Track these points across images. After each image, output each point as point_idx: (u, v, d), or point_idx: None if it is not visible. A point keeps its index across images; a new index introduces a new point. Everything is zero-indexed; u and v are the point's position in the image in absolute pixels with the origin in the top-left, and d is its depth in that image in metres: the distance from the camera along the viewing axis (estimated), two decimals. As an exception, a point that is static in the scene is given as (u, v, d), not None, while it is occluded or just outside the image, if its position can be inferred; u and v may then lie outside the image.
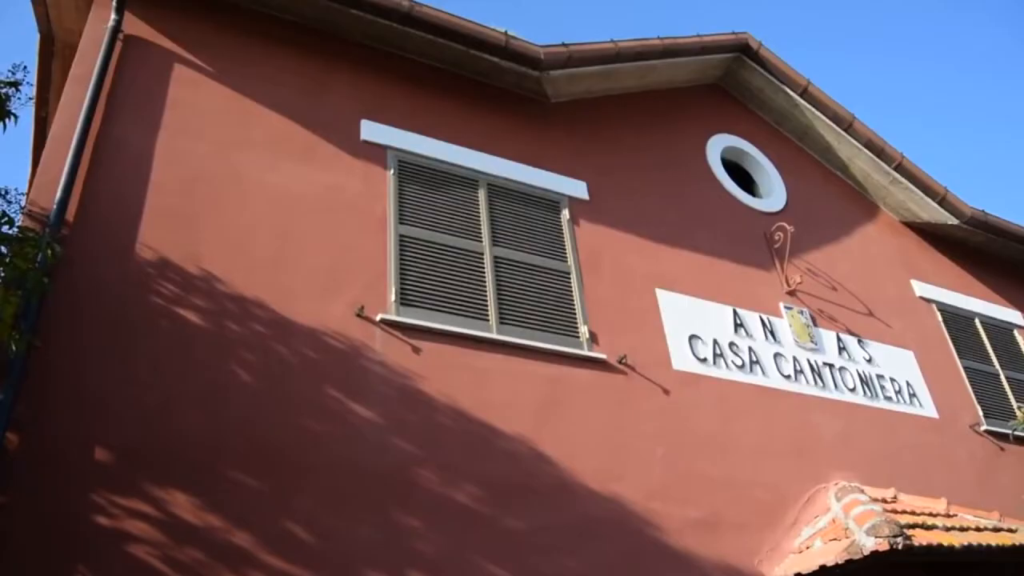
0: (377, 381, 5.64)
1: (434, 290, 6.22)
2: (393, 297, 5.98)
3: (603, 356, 6.60)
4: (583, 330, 6.67)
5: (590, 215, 7.48)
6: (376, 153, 6.71)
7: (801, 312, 8.21)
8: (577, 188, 7.54)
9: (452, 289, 6.29)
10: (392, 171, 6.63)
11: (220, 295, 5.46)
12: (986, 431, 8.87)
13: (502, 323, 6.33)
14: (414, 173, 6.75)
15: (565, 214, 7.29)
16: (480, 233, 6.72)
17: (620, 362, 6.68)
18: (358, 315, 5.80)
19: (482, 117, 7.52)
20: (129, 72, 6.08)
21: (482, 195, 6.93)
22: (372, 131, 6.77)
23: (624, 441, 6.35)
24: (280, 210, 6.04)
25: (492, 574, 5.29)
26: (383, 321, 5.85)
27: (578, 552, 5.68)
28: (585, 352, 6.54)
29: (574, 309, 6.77)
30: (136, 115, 5.92)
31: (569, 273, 6.95)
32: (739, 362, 7.40)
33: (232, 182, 5.99)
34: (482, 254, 6.60)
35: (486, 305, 6.36)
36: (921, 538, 5.80)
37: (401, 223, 6.39)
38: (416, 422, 5.62)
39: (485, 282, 6.47)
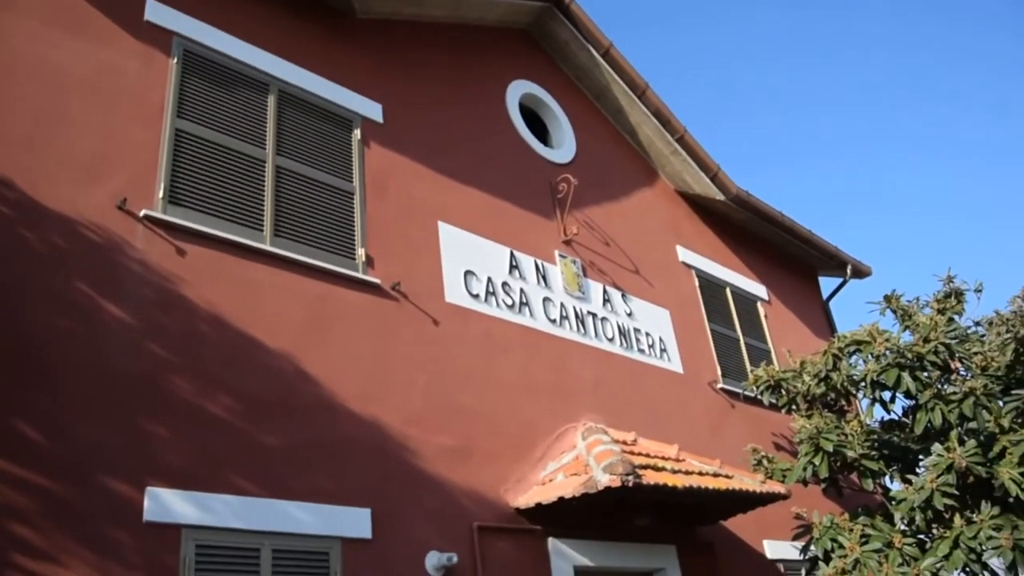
0: (135, 281, 5.32)
1: (208, 192, 5.92)
2: (161, 194, 5.64)
3: (377, 281, 6.59)
4: (360, 252, 6.61)
5: (382, 139, 7.38)
6: (160, 37, 6.23)
7: (574, 262, 8.58)
8: (372, 109, 7.40)
9: (227, 194, 6.02)
10: (176, 60, 6.19)
11: (-42, 165, 4.92)
12: (722, 389, 9.74)
13: (277, 235, 6.15)
14: (200, 66, 6.34)
15: (357, 134, 7.15)
16: (265, 140, 6.45)
17: (393, 288, 6.70)
18: (119, 208, 5.42)
19: (283, 20, 7.18)
20: None
21: (271, 101, 6.65)
22: (158, 13, 6.26)
23: (388, 366, 6.41)
24: (44, 84, 5.49)
25: (241, 488, 5.21)
26: (147, 217, 5.50)
27: (332, 471, 5.70)
28: (359, 275, 6.50)
29: (353, 230, 6.69)
30: None
31: (353, 194, 6.84)
32: (509, 302, 7.65)
33: (-14, 43, 5.37)
34: (264, 162, 6.35)
35: (262, 215, 6.15)
36: (650, 478, 6.30)
37: (179, 117, 6.01)
38: (174, 328, 5.37)
39: (264, 191, 6.24)
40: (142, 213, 5.48)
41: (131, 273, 5.32)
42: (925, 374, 8.07)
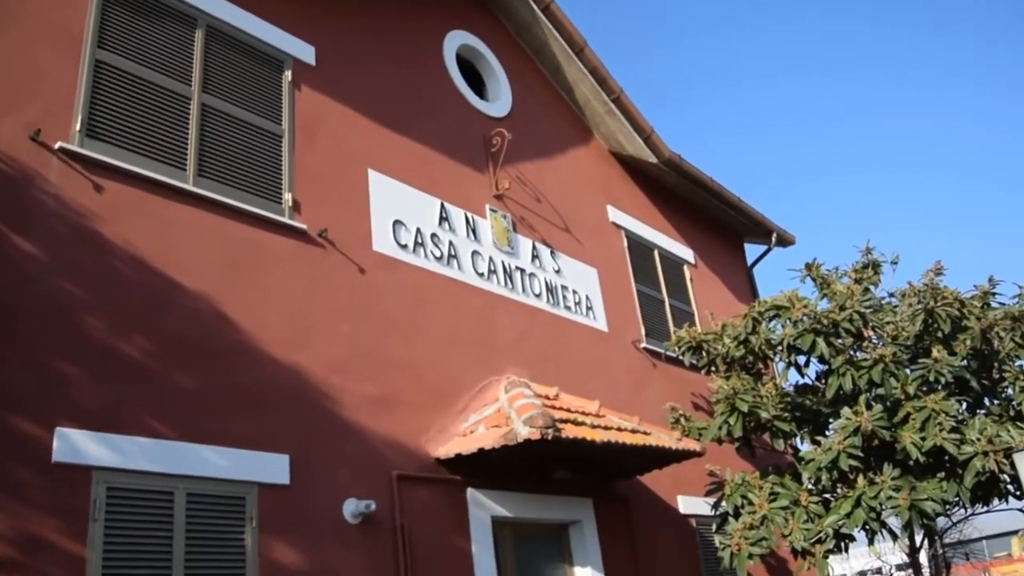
0: (48, 216, 5.13)
1: (128, 127, 5.71)
2: (78, 127, 5.42)
3: (303, 226, 6.49)
4: (287, 197, 6.49)
5: (314, 82, 7.22)
6: (80, -36, 5.94)
7: (504, 216, 8.58)
8: (305, 51, 7.22)
9: (149, 130, 5.82)
10: (97, -12, 5.92)
11: None
12: (645, 348, 9.91)
13: (200, 175, 6.00)
14: (123, -4, 6.08)
15: (288, 75, 6.98)
16: (191, 76, 6.24)
17: (320, 235, 6.61)
18: (33, 139, 5.19)
19: (212, -47, 6.91)
20: None
21: (199, 36, 6.42)
22: (79, -62, 5.97)
23: (312, 313, 6.34)
24: (-49, 4, 5.21)
25: (156, 431, 5.12)
26: (62, 150, 5.29)
27: (250, 416, 5.65)
28: (285, 219, 6.39)
29: (280, 174, 6.56)
30: None
31: (281, 137, 6.70)
32: (438, 254, 7.62)
33: None
34: (189, 99, 6.16)
35: (185, 153, 5.98)
36: (570, 432, 6.41)
37: (100, 47, 5.76)
38: (90, 266, 5.21)
39: (188, 129, 6.06)
40: (57, 146, 5.27)
41: (44, 208, 5.13)
42: (839, 341, 8.35)
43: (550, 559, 7.68)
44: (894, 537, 8.73)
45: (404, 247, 7.32)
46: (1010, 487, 8.38)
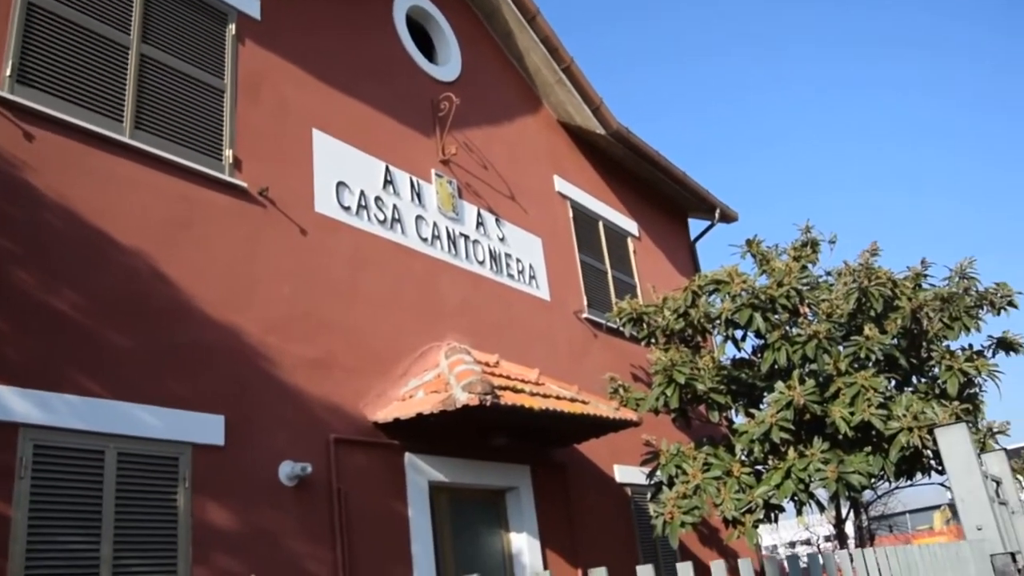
0: (-26, 163, 4.95)
1: (62, 75, 5.52)
2: (8, 72, 5.21)
3: (244, 184, 6.36)
4: (227, 154, 6.35)
5: (259, 37, 7.04)
6: (13, -99, 5.69)
7: (450, 182, 8.52)
8: (249, 4, 7.03)
9: (85, 79, 5.63)
10: (31, -73, 5.67)
11: None
12: (586, 319, 9.98)
13: (138, 127, 5.83)
14: (59, -63, 5.84)
15: (232, 28, 6.79)
16: (130, 25, 6.04)
17: (261, 194, 6.48)
18: (-40, 82, 5.00)
19: (154, -102, 6.67)
20: None
21: (139, -16, 6.21)
22: None
23: (251, 274, 6.24)
24: None
25: (86, 389, 5.01)
26: (-8, 95, 5.10)
27: (185, 376, 5.56)
28: (225, 176, 6.25)
29: (221, 130, 6.41)
30: None
31: (223, 92, 6.53)
32: (382, 217, 7.55)
33: None
34: (128, 48, 5.96)
35: (123, 105, 5.80)
36: (508, 399, 6.44)
37: (33, -10, 5.54)
38: (19, 217, 5.05)
39: (126, 80, 5.87)
40: (-14, 90, 5.08)
41: (-29, 155, 4.94)
42: (776, 316, 8.49)
43: (487, 524, 7.75)
44: (821, 508, 8.96)
45: (347, 209, 7.23)
46: (933, 462, 8.65)
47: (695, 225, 13.92)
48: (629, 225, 11.86)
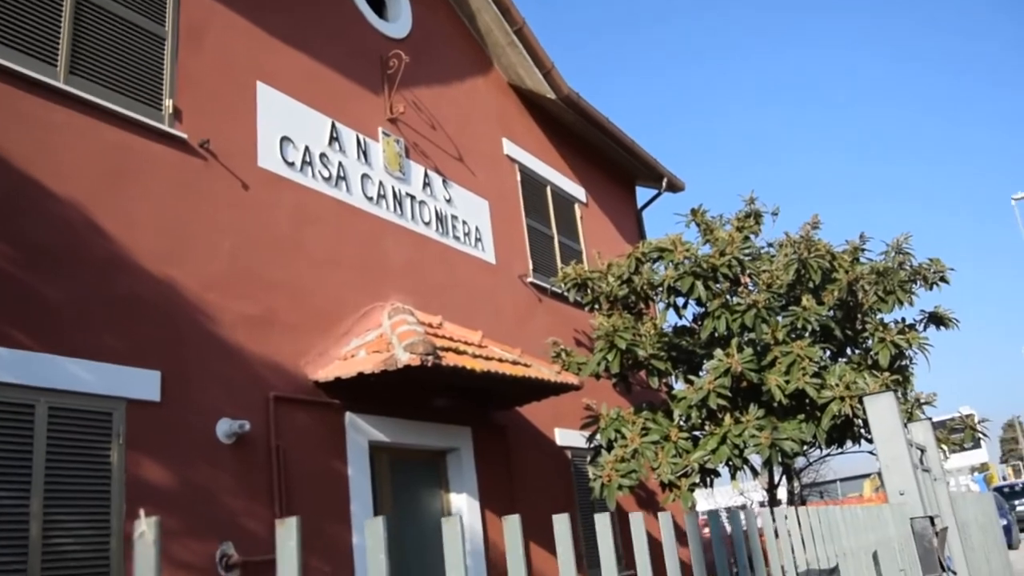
0: (-102, 103, 4.74)
1: (-7, 15, 5.30)
2: (-65, 8, 5.00)
3: (184, 136, 6.20)
4: (167, 104, 6.18)
5: (202, -16, 6.83)
6: None
7: (397, 141, 8.43)
8: (193, -50, 6.82)
9: (15, 20, 5.40)
10: None
11: None
12: (531, 283, 10.01)
13: (73, 73, 5.63)
14: None
15: (173, -25, 6.58)
16: (65, -34, 5.81)
17: (201, 146, 6.33)
18: None
19: None
20: None
21: (75, -77, 5.97)
22: None
23: (190, 227, 6.11)
24: None
25: (16, 341, 4.87)
26: (-84, 33, 4.88)
27: (120, 330, 5.44)
28: (165, 127, 6.09)
29: (162, 79, 6.22)
30: None
31: (164, 39, 6.34)
32: (326, 174, 7.44)
33: None
34: (63, -10, 5.74)
35: (57, 49, 5.59)
36: (450, 360, 6.44)
37: (-38, -77, 5.29)
38: (-55, 162, 4.86)
39: (60, 22, 5.66)
40: (-90, 27, 4.85)
41: None
42: (717, 285, 8.62)
43: (427, 485, 7.78)
44: (755, 473, 9.20)
45: (291, 165, 7.11)
46: (863, 431, 8.91)
47: (643, 193, 14.01)
48: (577, 191, 11.88)
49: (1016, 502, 31.48)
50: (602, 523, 1.45)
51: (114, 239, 5.58)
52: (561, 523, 1.31)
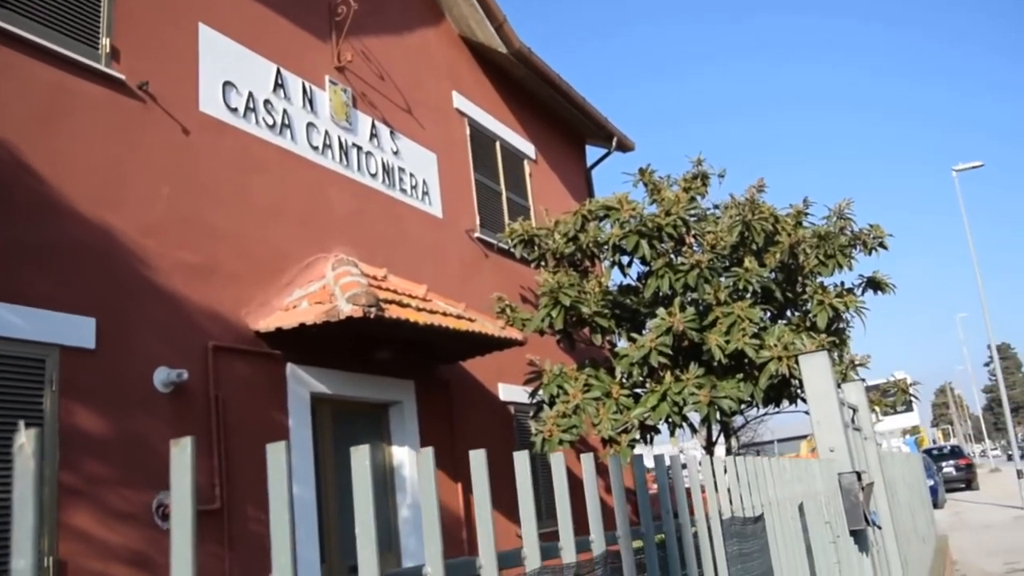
0: None
1: (-83, -59, 5.04)
2: None
3: (122, 77, 6.00)
4: (104, 42, 5.96)
5: (141, -81, 6.58)
6: None
7: (344, 90, 8.28)
8: None
9: (-57, -53, 5.17)
10: None
11: None
12: (478, 238, 9.98)
13: (3, 7, 5.39)
14: None
15: (111, -93, 6.32)
16: None
17: (140, 88, 6.14)
18: None
19: None
20: None
21: None
22: None
23: (128, 172, 5.95)
24: None
25: (-57, 284, 4.73)
26: None
27: (54, 276, 5.29)
28: (101, 67, 5.88)
29: (98, 16, 6.00)
30: None
31: (101, -25, 6.11)
32: (271, 122, 7.29)
33: None
34: (-8, -82, 5.48)
35: (-14, -20, 5.35)
36: (393, 312, 6.42)
37: None
38: None
39: (-10, -48, 5.41)
40: None
41: None
42: (662, 244, 8.70)
43: (368, 437, 7.78)
44: (693, 431, 9.37)
45: (234, 111, 6.94)
46: (799, 391, 9.13)
47: (592, 152, 14.02)
48: (526, 147, 11.83)
49: (944, 464, 32.71)
50: (521, 461, 1.46)
51: (47, 182, 5.41)
52: (477, 458, 1.32)
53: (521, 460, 1.49)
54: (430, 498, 1.23)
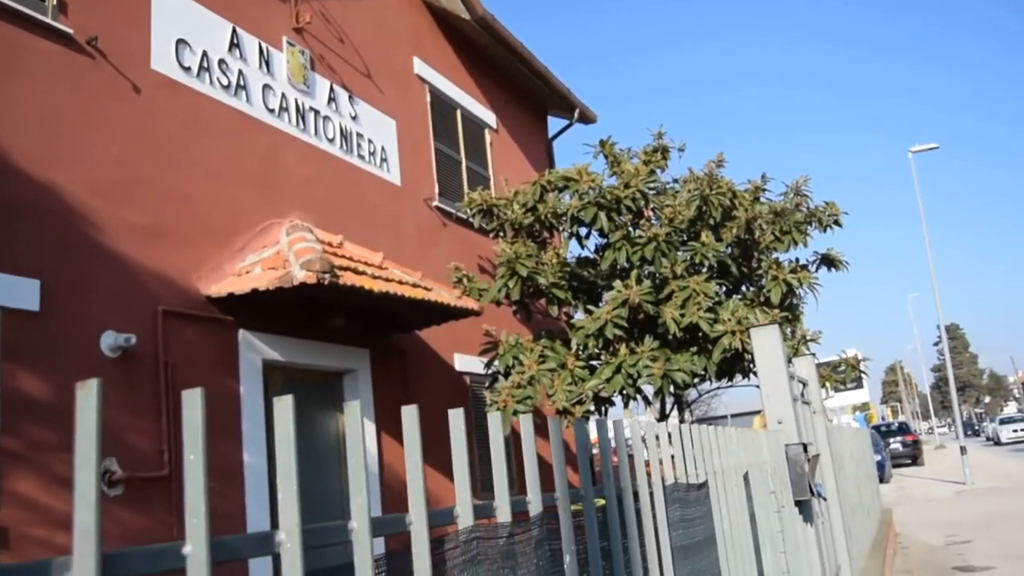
0: None
1: None
2: None
3: (70, 31, 5.81)
4: (51, -5, 5.78)
5: None
6: None
7: (302, 52, 8.12)
8: None
9: None
10: None
11: None
12: (437, 207, 9.91)
13: (-57, -47, 5.20)
14: None
15: None
16: None
17: (89, 43, 5.96)
18: None
19: None
20: None
21: None
22: None
23: (76, 130, 5.78)
24: None
25: None
26: None
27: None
28: (48, 20, 5.69)
29: (45, -33, 5.80)
30: None
31: (48, -76, 5.89)
32: (225, 82, 7.13)
33: None
34: None
35: (-75, -76, 5.14)
36: (348, 279, 6.35)
37: None
38: None
39: None
40: None
41: None
42: (620, 217, 8.71)
43: (321, 406, 7.73)
44: (647, 403, 9.46)
45: (187, 70, 6.78)
46: (752, 366, 9.24)
47: (554, 124, 13.97)
48: (488, 117, 11.74)
49: (891, 440, 33.45)
50: (455, 418, 1.44)
51: (-11, 137, 5.24)
52: (408, 413, 1.30)
53: (456, 417, 1.47)
54: (357, 450, 1.22)
